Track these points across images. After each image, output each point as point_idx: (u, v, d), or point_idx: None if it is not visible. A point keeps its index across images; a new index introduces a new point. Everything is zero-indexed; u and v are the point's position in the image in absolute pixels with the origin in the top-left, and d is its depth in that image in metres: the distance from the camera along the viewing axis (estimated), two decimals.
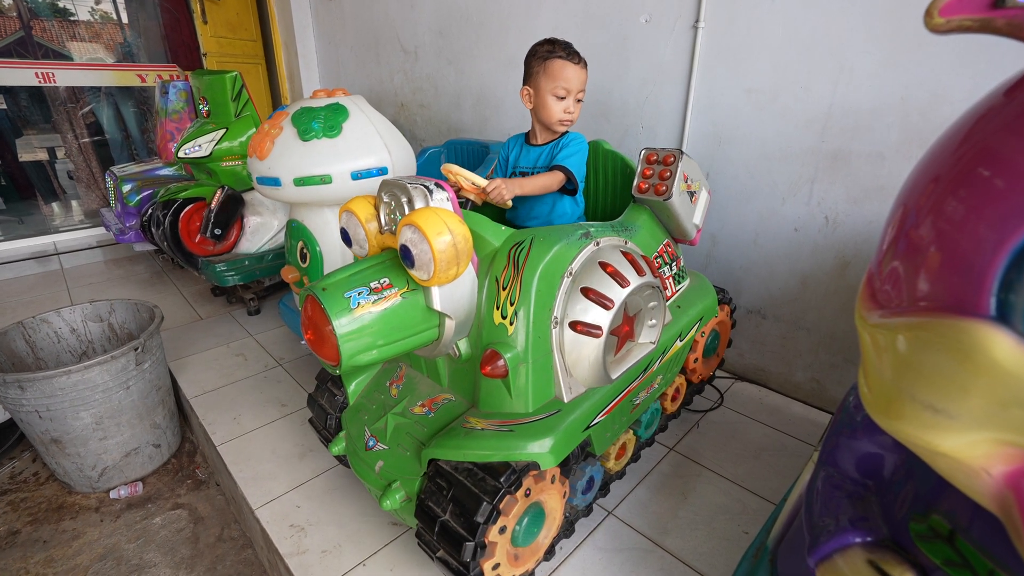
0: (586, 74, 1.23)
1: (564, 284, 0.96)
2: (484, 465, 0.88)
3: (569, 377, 0.98)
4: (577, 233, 1.02)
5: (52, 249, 3.15)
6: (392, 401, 1.11)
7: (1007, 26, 0.40)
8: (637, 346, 1.06)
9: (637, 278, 0.95)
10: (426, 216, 0.84)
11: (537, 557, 1.00)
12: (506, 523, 0.87)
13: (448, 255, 0.84)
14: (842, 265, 1.45)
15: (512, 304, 0.93)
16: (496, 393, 0.97)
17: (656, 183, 1.19)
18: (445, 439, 0.93)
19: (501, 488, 0.84)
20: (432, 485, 0.91)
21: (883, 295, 0.46)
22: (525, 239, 0.97)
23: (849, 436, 0.68)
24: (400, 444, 1.03)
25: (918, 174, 0.47)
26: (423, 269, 0.86)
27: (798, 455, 1.38)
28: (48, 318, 1.59)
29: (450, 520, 0.86)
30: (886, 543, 0.58)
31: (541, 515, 0.97)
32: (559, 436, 0.91)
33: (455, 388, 1.08)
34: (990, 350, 0.36)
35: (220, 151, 2.12)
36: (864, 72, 1.30)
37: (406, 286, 0.91)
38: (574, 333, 0.94)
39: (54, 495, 1.50)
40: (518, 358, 0.93)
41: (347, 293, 0.86)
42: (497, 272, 0.96)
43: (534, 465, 0.89)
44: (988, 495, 0.40)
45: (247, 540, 1.36)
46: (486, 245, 0.99)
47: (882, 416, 0.45)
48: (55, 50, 3.52)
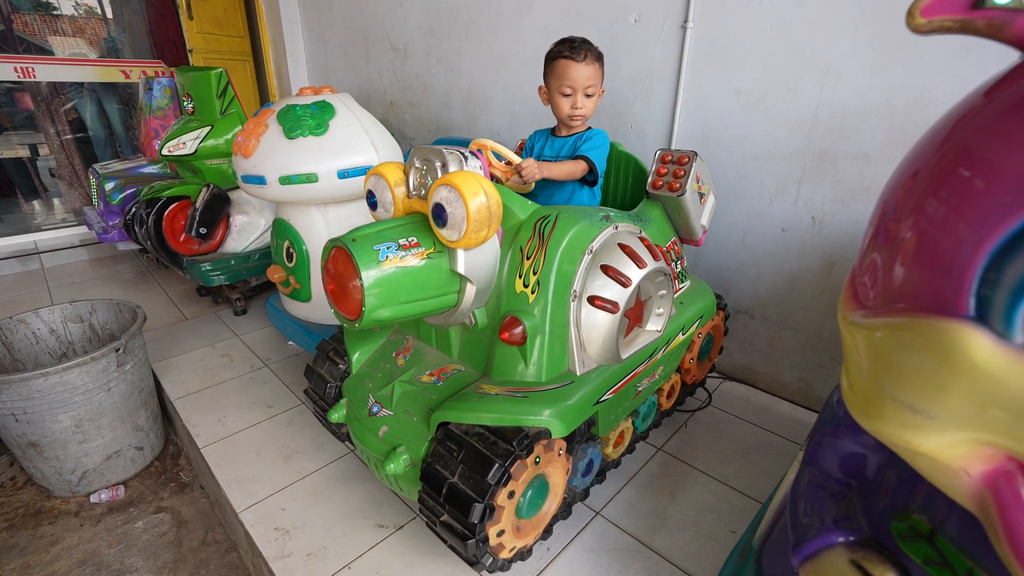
0: (595, 68, 1.25)
1: (584, 260, 1.00)
2: (496, 429, 0.89)
3: (583, 351, 1.02)
4: (599, 215, 1.07)
5: (33, 248, 3.09)
6: (399, 370, 1.13)
7: (986, 27, 0.40)
8: (645, 332, 1.10)
9: (653, 262, 0.99)
10: (463, 177, 0.87)
11: (537, 533, 1.02)
12: (515, 488, 0.89)
13: (481, 216, 0.86)
14: (829, 265, 1.46)
15: (535, 274, 0.97)
16: (511, 361, 0.99)
17: (670, 180, 1.25)
18: (457, 403, 0.95)
19: (513, 451, 0.85)
20: (441, 448, 0.92)
21: (864, 295, 0.46)
22: (551, 214, 1.01)
23: (832, 436, 0.69)
24: (407, 410, 1.03)
25: (900, 174, 0.47)
26: (455, 228, 0.88)
27: (785, 454, 1.39)
28: (26, 319, 1.55)
29: (459, 482, 0.87)
30: (869, 542, 0.59)
31: (545, 488, 0.99)
32: (571, 406, 0.94)
33: (466, 359, 1.10)
34: (969, 350, 0.36)
35: (205, 149, 2.09)
36: (850, 74, 1.31)
37: (432, 247, 0.93)
38: (591, 308, 0.98)
39: (32, 500, 1.47)
40: (536, 327, 0.96)
41: (376, 246, 0.88)
42: (522, 242, 1.00)
43: (545, 433, 0.91)
44: (967, 495, 0.40)
45: (231, 544, 1.34)
46: (512, 217, 1.03)
47: (863, 416, 0.45)
48: (36, 44, 3.45)
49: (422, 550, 1.10)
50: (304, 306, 1.67)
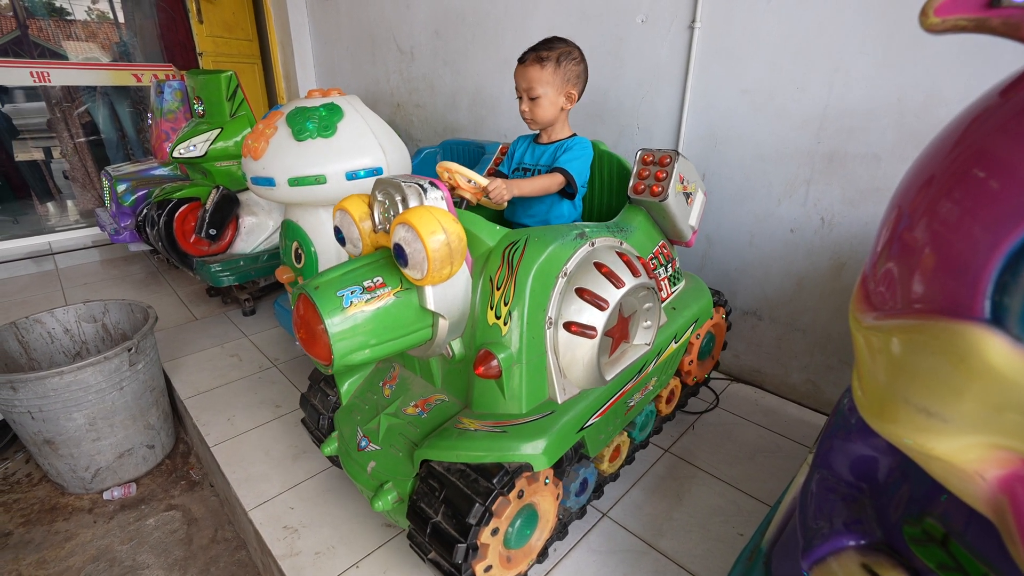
0: (537, 71, 1.20)
1: (559, 284, 0.95)
2: (477, 466, 0.87)
3: (563, 378, 0.98)
4: (572, 233, 1.02)
5: (47, 249, 3.13)
6: (385, 401, 1.11)
7: (1003, 25, 0.39)
8: (632, 347, 1.06)
9: (632, 279, 0.95)
10: (420, 215, 0.83)
11: (530, 559, 1.00)
12: (498, 525, 0.87)
13: (442, 254, 0.83)
14: (838, 266, 1.45)
15: (506, 304, 0.93)
16: (489, 394, 0.96)
17: (652, 184, 1.18)
18: (438, 440, 0.93)
19: (494, 489, 0.84)
20: (424, 486, 0.91)
21: (877, 297, 0.46)
22: (520, 239, 0.96)
23: (843, 439, 0.68)
24: (393, 445, 1.02)
25: (913, 175, 0.46)
26: (417, 268, 0.85)
27: (793, 457, 1.38)
28: (41, 318, 1.58)
29: (442, 521, 0.85)
30: (880, 546, 0.58)
31: (534, 517, 0.97)
32: (552, 437, 0.91)
33: (448, 388, 1.07)
34: (984, 353, 0.36)
35: (215, 151, 2.11)
36: (859, 73, 1.29)
37: (400, 285, 0.90)
38: (568, 334, 0.93)
39: (47, 496, 1.49)
40: (512, 359, 0.92)
41: (340, 292, 0.85)
42: (491, 272, 0.96)
43: (527, 466, 0.88)
44: (982, 499, 0.40)
45: (241, 541, 1.35)
46: (480, 244, 0.99)
47: (876, 419, 0.45)
48: (51, 49, 3.50)
49: None
50: None
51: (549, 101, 1.23)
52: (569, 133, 1.32)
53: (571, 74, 1.23)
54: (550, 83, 1.21)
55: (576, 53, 1.23)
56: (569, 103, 1.26)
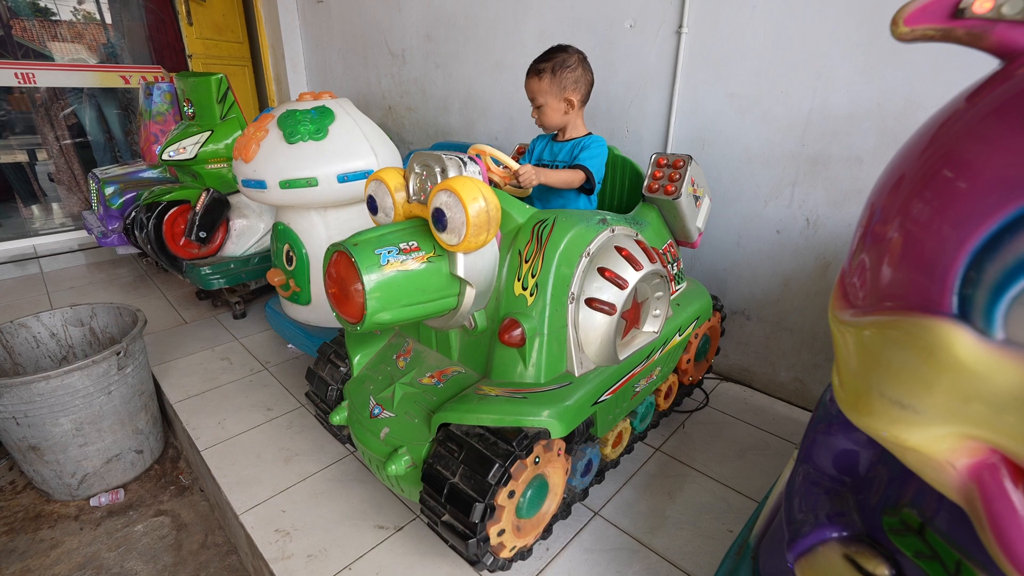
0: (537, 83, 1.30)
1: (582, 263, 1.01)
2: (496, 430, 0.90)
3: (581, 352, 1.03)
4: (595, 219, 1.08)
5: (32, 252, 3.09)
6: (400, 372, 1.14)
7: (966, 35, 0.41)
8: (642, 334, 1.11)
9: (649, 264, 1.01)
10: (463, 182, 0.88)
11: (536, 533, 1.03)
12: (515, 487, 0.90)
13: (481, 220, 0.88)
14: (823, 266, 1.47)
15: (533, 276, 0.98)
16: (510, 362, 1.00)
17: (666, 184, 1.27)
18: (458, 404, 0.96)
19: (513, 451, 0.87)
20: (442, 449, 0.93)
21: (853, 294, 0.48)
22: (548, 217, 1.03)
23: (825, 433, 0.70)
24: (408, 412, 1.05)
25: (886, 176, 0.48)
26: (454, 233, 0.89)
27: (782, 454, 1.40)
28: (27, 323, 1.56)
29: (460, 483, 0.88)
30: (861, 537, 0.60)
31: (545, 488, 1.00)
32: (570, 407, 0.95)
33: (466, 361, 1.11)
34: (952, 347, 0.37)
35: (205, 153, 2.10)
36: (842, 79, 1.33)
37: (433, 251, 0.95)
38: (589, 310, 0.99)
39: (31, 504, 1.47)
40: (535, 329, 0.97)
41: (378, 250, 0.89)
42: (520, 246, 1.02)
43: (545, 433, 0.92)
44: (954, 487, 0.42)
45: (231, 546, 1.34)
46: (510, 221, 1.04)
47: (853, 412, 0.47)
48: (36, 50, 3.46)
49: (422, 551, 1.10)
50: (303, 309, 1.68)
51: (551, 108, 1.32)
52: (585, 131, 1.38)
53: (567, 81, 1.29)
54: (549, 92, 1.30)
55: (573, 60, 1.29)
56: (570, 108, 1.32)
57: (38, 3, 3.47)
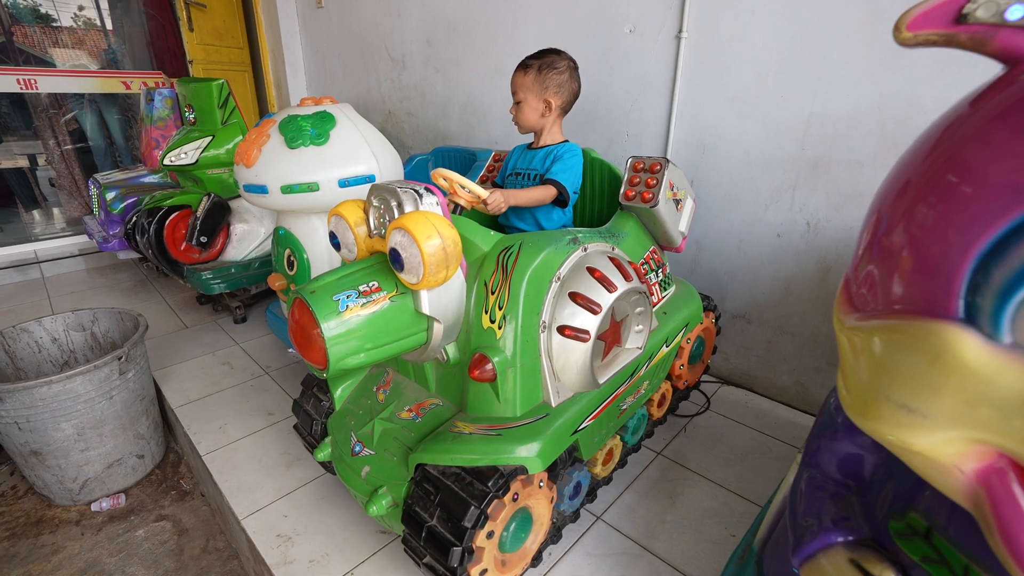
0: (521, 77, 1.30)
1: (552, 289, 0.97)
2: (472, 469, 0.88)
3: (557, 381, 0.99)
4: (565, 239, 1.03)
5: (33, 257, 3.09)
6: (379, 406, 1.11)
7: (969, 41, 0.42)
8: (624, 351, 1.07)
9: (624, 283, 0.97)
10: (415, 220, 0.84)
11: (525, 563, 1.00)
12: (494, 528, 0.87)
13: (437, 258, 0.84)
14: (824, 270, 1.48)
15: (501, 308, 0.94)
16: (484, 397, 0.97)
17: (643, 191, 1.21)
18: (432, 443, 0.93)
19: (489, 492, 0.84)
20: (419, 490, 0.91)
21: (859, 298, 0.48)
22: (514, 244, 0.98)
23: (830, 437, 0.70)
24: (387, 449, 1.02)
25: (891, 181, 0.48)
26: (412, 273, 0.86)
27: (784, 458, 1.40)
28: (28, 327, 1.56)
29: (437, 525, 0.86)
30: (867, 542, 0.59)
31: (529, 520, 0.97)
32: (547, 440, 0.92)
33: (443, 393, 1.08)
34: (959, 351, 0.37)
35: (206, 159, 2.11)
36: (842, 82, 1.33)
37: (395, 290, 0.91)
38: (562, 337, 0.95)
39: (33, 509, 1.46)
40: (506, 362, 0.93)
41: (336, 296, 0.86)
42: (486, 276, 0.97)
43: (522, 469, 0.89)
44: (961, 492, 0.41)
45: (233, 551, 1.34)
46: (475, 250, 1.00)
47: (859, 416, 0.47)
48: (37, 56, 3.47)
49: None
50: None
51: (529, 107, 1.30)
52: (559, 139, 1.35)
53: (551, 83, 1.27)
54: (530, 89, 1.28)
55: (562, 65, 1.27)
56: (547, 110, 1.30)
57: (39, 9, 3.49)
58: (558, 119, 1.34)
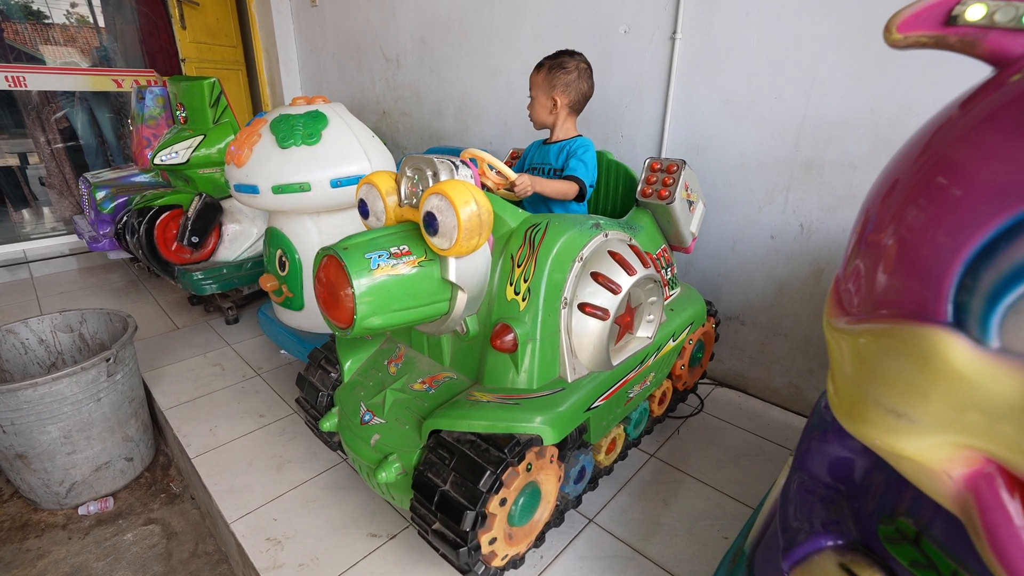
0: (534, 76, 1.37)
1: (575, 268, 1.00)
2: (487, 437, 0.89)
3: (574, 358, 1.02)
4: (589, 223, 1.07)
5: (22, 257, 3.06)
6: (391, 378, 1.12)
7: (959, 43, 0.41)
8: (636, 339, 1.10)
9: (643, 269, 1.00)
10: (454, 185, 0.87)
11: (529, 540, 1.02)
12: (507, 495, 0.89)
13: (472, 224, 0.86)
14: (817, 272, 1.48)
15: (526, 281, 0.97)
16: (502, 368, 0.99)
17: (660, 188, 1.27)
18: (449, 410, 0.95)
19: (505, 458, 0.85)
20: (433, 456, 0.92)
21: (848, 301, 0.47)
22: (541, 222, 1.02)
23: (820, 440, 0.69)
24: (399, 418, 1.03)
25: (881, 183, 0.48)
26: (446, 237, 0.88)
27: (777, 460, 1.40)
28: (14, 328, 1.54)
29: (451, 490, 0.86)
30: (857, 546, 0.59)
31: (537, 495, 0.99)
32: (562, 413, 0.94)
33: (457, 367, 1.09)
34: (947, 355, 0.37)
35: (197, 158, 2.09)
36: (835, 85, 1.33)
37: (424, 255, 0.94)
38: (582, 315, 0.98)
39: (18, 513, 1.44)
40: (528, 334, 0.96)
41: (368, 254, 0.88)
42: (513, 250, 1.01)
43: (537, 440, 0.90)
44: (949, 497, 0.41)
45: (222, 555, 1.32)
46: (503, 225, 1.04)
47: (848, 420, 0.46)
48: (28, 53, 3.43)
49: (415, 559, 1.09)
50: (297, 315, 1.67)
51: (539, 104, 1.38)
52: (572, 134, 1.40)
53: (558, 82, 1.33)
54: (540, 87, 1.35)
55: (571, 65, 1.33)
56: (554, 107, 1.36)
57: (31, 6, 3.45)
58: (569, 117, 1.40)
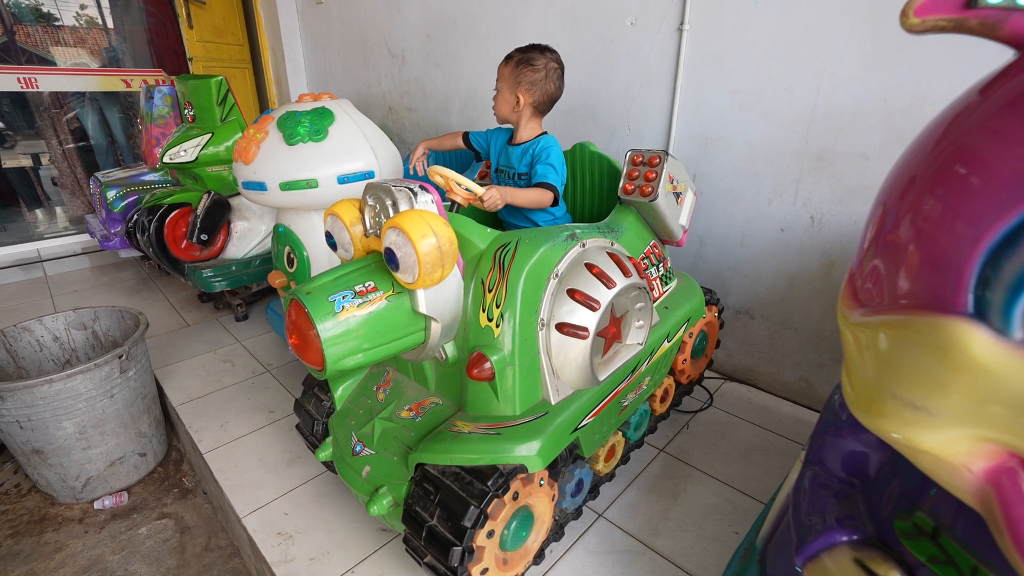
0: (501, 67, 1.30)
1: (550, 286, 0.96)
2: (471, 469, 0.87)
3: (556, 379, 0.98)
4: (563, 235, 1.02)
5: (36, 256, 3.10)
6: (379, 406, 1.10)
7: (980, 26, 0.40)
8: (624, 347, 1.06)
9: (623, 279, 0.95)
10: (410, 218, 0.83)
11: (526, 561, 1.00)
12: (494, 527, 0.87)
13: (433, 257, 0.83)
14: (828, 265, 1.46)
15: (498, 306, 0.93)
16: (483, 396, 0.96)
17: (642, 184, 1.19)
18: (432, 443, 0.92)
19: (488, 492, 0.83)
20: (419, 490, 0.90)
21: (864, 294, 0.46)
22: (511, 241, 0.97)
23: (834, 435, 0.69)
24: (387, 449, 1.02)
25: (897, 173, 0.47)
26: (408, 272, 0.85)
27: (787, 454, 1.38)
28: (30, 326, 1.56)
29: (437, 525, 0.85)
30: (872, 541, 0.58)
31: (530, 518, 0.97)
32: (547, 438, 0.91)
33: (442, 392, 1.07)
34: (968, 347, 0.36)
35: (206, 156, 2.10)
36: (846, 74, 1.31)
37: (392, 289, 0.90)
38: (561, 335, 0.93)
39: (36, 507, 1.47)
40: (505, 360, 0.92)
41: (331, 296, 0.85)
42: (483, 274, 0.96)
43: (522, 468, 0.88)
44: (970, 492, 0.40)
45: (234, 549, 1.34)
46: (471, 247, 0.99)
47: (864, 414, 0.45)
48: (39, 55, 3.46)
49: None
50: None
51: (502, 97, 1.30)
52: (536, 133, 1.33)
53: (524, 79, 1.26)
54: (505, 80, 1.28)
55: (540, 63, 1.25)
56: (516, 105, 1.29)
57: (41, 8, 3.48)
58: (533, 116, 1.32)
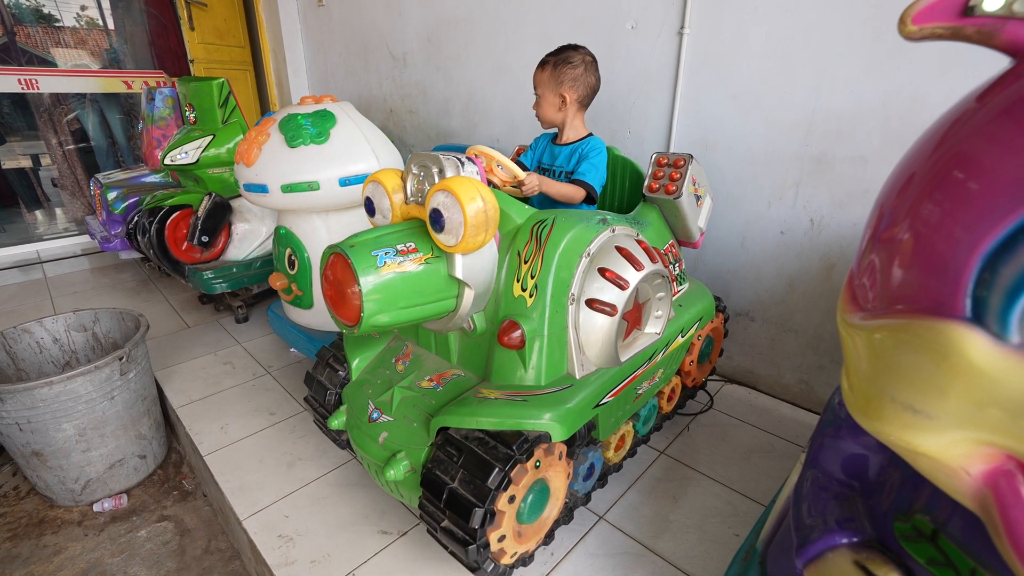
0: (539, 74, 1.34)
1: (582, 264, 1.00)
2: (495, 434, 0.89)
3: (582, 354, 1.02)
4: (595, 219, 1.07)
5: (35, 257, 3.10)
6: (398, 376, 1.13)
7: (977, 34, 0.41)
8: (643, 335, 1.10)
9: (650, 264, 0.99)
10: (460, 182, 0.87)
11: (538, 538, 1.02)
12: (516, 492, 0.89)
13: (479, 220, 0.87)
14: (827, 267, 1.46)
15: (533, 277, 0.97)
16: (510, 365, 0.99)
17: (667, 183, 1.26)
18: (457, 407, 0.95)
19: (513, 455, 0.85)
20: (441, 453, 0.92)
21: (863, 297, 0.47)
22: (548, 218, 1.02)
23: (834, 437, 0.69)
24: (406, 415, 1.04)
25: (895, 178, 0.47)
26: (452, 233, 0.88)
27: (788, 456, 1.39)
28: (30, 328, 1.56)
29: (459, 487, 0.86)
30: (872, 543, 0.59)
31: (546, 493, 0.99)
32: (571, 409, 0.94)
33: (465, 364, 1.10)
34: (966, 351, 0.36)
35: (207, 158, 2.11)
36: (845, 78, 1.32)
37: (430, 252, 0.94)
38: (589, 311, 0.97)
39: (35, 509, 1.47)
40: (535, 330, 0.96)
41: (374, 252, 0.88)
42: (519, 246, 1.01)
43: (545, 436, 0.90)
44: (968, 494, 0.41)
45: (235, 552, 1.34)
46: (509, 222, 1.04)
47: (863, 417, 0.46)
48: (39, 56, 3.47)
49: (425, 556, 1.10)
50: (306, 313, 1.68)
51: (547, 102, 1.34)
52: (583, 134, 1.38)
53: (565, 77, 1.30)
54: (546, 85, 1.32)
55: (577, 59, 1.30)
56: (563, 104, 1.33)
57: (42, 10, 3.49)
58: (578, 113, 1.37)
